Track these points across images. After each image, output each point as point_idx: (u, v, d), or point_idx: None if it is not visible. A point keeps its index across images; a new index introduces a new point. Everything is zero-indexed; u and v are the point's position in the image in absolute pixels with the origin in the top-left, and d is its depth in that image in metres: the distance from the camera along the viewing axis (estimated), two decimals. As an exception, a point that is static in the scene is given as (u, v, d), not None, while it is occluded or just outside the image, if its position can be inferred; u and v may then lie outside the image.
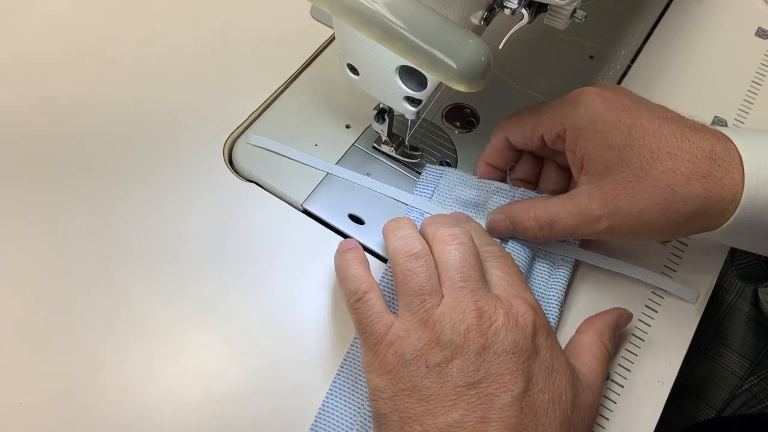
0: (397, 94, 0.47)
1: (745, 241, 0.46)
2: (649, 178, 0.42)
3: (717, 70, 0.64)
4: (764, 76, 0.64)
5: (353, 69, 0.48)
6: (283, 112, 0.58)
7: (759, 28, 0.67)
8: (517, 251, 0.50)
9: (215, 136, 0.56)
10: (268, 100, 0.59)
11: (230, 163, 0.56)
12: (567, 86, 0.62)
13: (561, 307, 0.49)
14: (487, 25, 0.40)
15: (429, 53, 0.36)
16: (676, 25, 0.68)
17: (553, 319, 0.48)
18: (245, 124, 0.57)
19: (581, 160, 0.46)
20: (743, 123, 0.61)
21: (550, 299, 0.49)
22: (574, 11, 0.43)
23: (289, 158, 0.55)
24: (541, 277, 0.50)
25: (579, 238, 0.50)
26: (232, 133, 0.57)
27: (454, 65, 0.36)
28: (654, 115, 0.44)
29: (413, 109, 0.48)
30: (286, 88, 0.60)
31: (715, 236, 0.44)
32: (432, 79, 0.44)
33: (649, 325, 0.50)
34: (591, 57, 0.65)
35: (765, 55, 0.65)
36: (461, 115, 0.60)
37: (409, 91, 0.46)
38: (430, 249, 0.42)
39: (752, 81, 0.64)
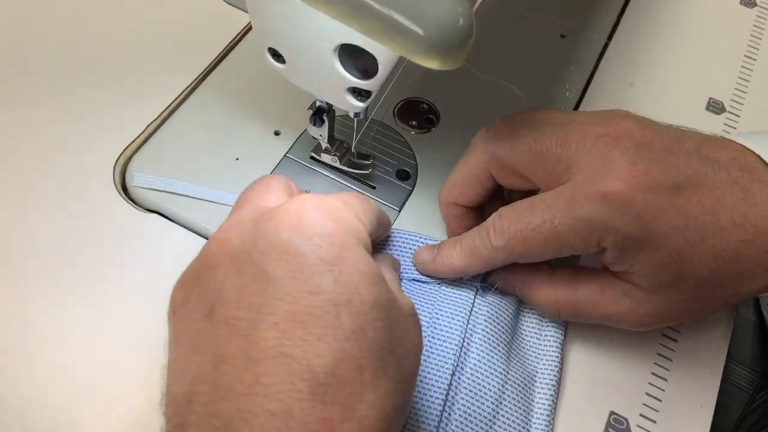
0: (337, 86, 0.35)
1: None
2: (711, 288, 0.34)
3: (705, 45, 0.56)
4: (757, 49, 0.56)
5: (277, 55, 0.36)
6: (191, 120, 0.46)
7: (743, -5, 0.59)
8: (498, 306, 0.39)
9: (102, 156, 0.43)
10: (171, 106, 0.46)
11: (124, 189, 0.43)
12: (538, 72, 0.52)
13: (560, 363, 0.39)
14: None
15: (383, 15, 0.25)
16: (651, -4, 0.59)
17: (554, 371, 0.38)
18: (141, 138, 0.44)
19: (621, 270, 0.35)
20: (741, 105, 0.52)
21: (548, 355, 0.39)
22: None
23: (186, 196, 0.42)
24: (531, 329, 0.40)
25: None
26: (124, 150, 0.44)
27: (420, 31, 0.25)
28: (705, 194, 0.33)
29: (361, 104, 0.36)
30: (194, 89, 0.47)
31: None
32: (385, 60, 0.32)
33: (668, 369, 0.40)
34: (562, 36, 0.55)
35: (754, 25, 0.57)
36: (417, 112, 0.48)
37: (355, 79, 0.34)
38: None
39: (745, 56, 0.55)
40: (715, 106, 0.52)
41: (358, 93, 0.36)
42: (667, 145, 0.35)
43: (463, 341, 0.37)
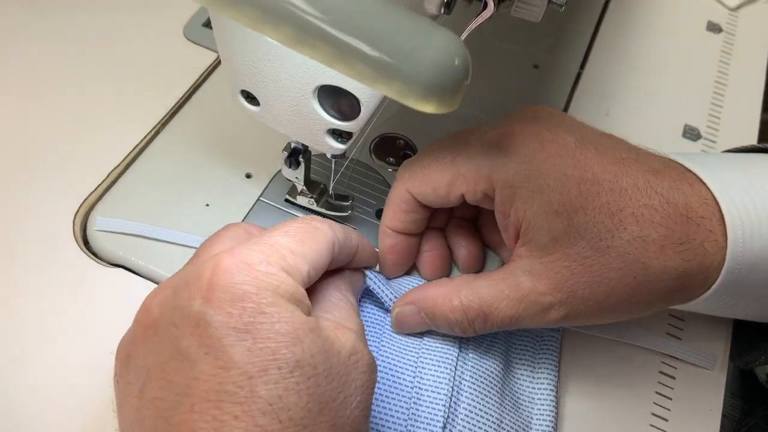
0: (316, 128, 0.33)
1: (724, 307, 0.36)
2: (611, 251, 0.32)
3: (676, 71, 0.56)
4: (726, 74, 0.56)
5: (250, 97, 0.34)
6: (155, 166, 0.43)
7: (709, 21, 0.59)
8: (486, 351, 0.37)
9: (61, 209, 0.40)
10: (133, 152, 0.43)
11: (85, 243, 0.40)
12: (513, 103, 0.51)
13: (556, 395, 0.37)
14: (448, 14, 0.27)
15: (374, 58, 0.23)
16: (619, 22, 0.59)
17: (549, 416, 0.36)
18: (102, 188, 0.41)
19: (517, 226, 0.34)
20: (717, 131, 0.52)
21: (543, 400, 0.37)
22: (552, -5, 0.31)
23: (156, 239, 0.40)
24: (524, 373, 0.38)
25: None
26: (85, 200, 0.41)
27: (415, 73, 0.23)
28: (607, 158, 0.33)
29: (341, 146, 0.34)
30: (157, 133, 0.45)
31: (688, 308, 0.35)
32: (368, 101, 0.30)
33: (669, 409, 0.39)
34: (535, 66, 0.54)
35: (722, 51, 0.57)
36: (394, 149, 0.47)
37: (336, 121, 0.32)
38: None
39: (716, 81, 0.55)
40: (692, 133, 0.51)
41: (339, 135, 0.34)
42: (577, 122, 0.36)
43: (453, 390, 0.35)
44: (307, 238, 0.30)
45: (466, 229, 0.40)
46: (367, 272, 0.38)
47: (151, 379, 0.26)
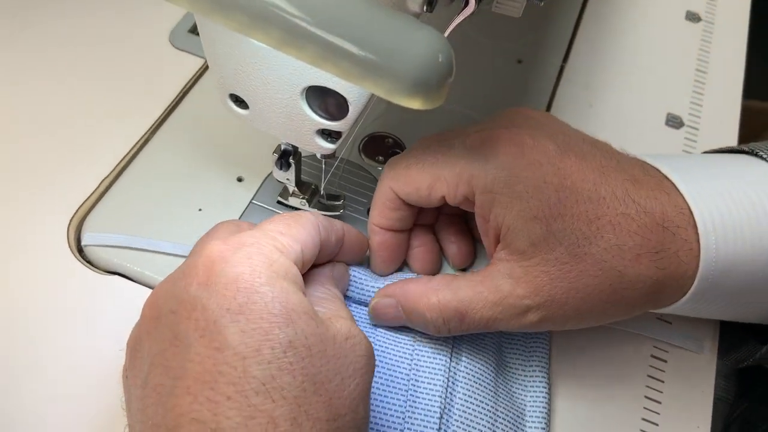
0: (306, 129, 0.34)
1: (701, 310, 0.37)
2: (588, 257, 0.33)
3: (657, 61, 0.56)
4: (706, 62, 0.57)
5: (239, 101, 0.35)
6: (147, 172, 0.43)
7: (687, 11, 0.60)
8: (479, 342, 0.38)
9: (54, 217, 0.40)
10: (125, 160, 0.44)
11: (80, 251, 0.40)
12: (498, 98, 0.52)
13: (548, 381, 0.38)
14: (431, 11, 0.28)
15: (360, 57, 0.23)
16: (599, 15, 0.60)
17: (543, 401, 0.37)
18: (95, 196, 0.42)
19: (496, 230, 0.34)
20: (699, 119, 0.53)
21: (536, 387, 0.38)
22: (532, -9, 0.32)
23: (147, 250, 0.40)
24: (516, 362, 0.39)
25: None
26: (78, 209, 0.41)
27: (401, 71, 0.24)
28: (587, 167, 0.34)
29: (331, 146, 0.35)
30: (148, 140, 0.45)
31: (666, 311, 0.36)
32: (356, 100, 0.31)
33: (661, 392, 0.39)
34: (519, 61, 0.55)
35: (702, 39, 0.58)
36: (383, 147, 0.47)
37: (325, 121, 0.33)
38: None
39: (696, 70, 0.56)
40: (674, 121, 0.52)
41: (328, 134, 0.34)
42: (561, 127, 0.36)
43: (448, 381, 0.36)
44: (293, 222, 0.32)
45: (456, 225, 0.41)
46: (355, 268, 0.38)
47: (154, 366, 0.26)
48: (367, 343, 0.30)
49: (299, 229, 0.31)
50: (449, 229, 0.41)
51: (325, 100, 0.32)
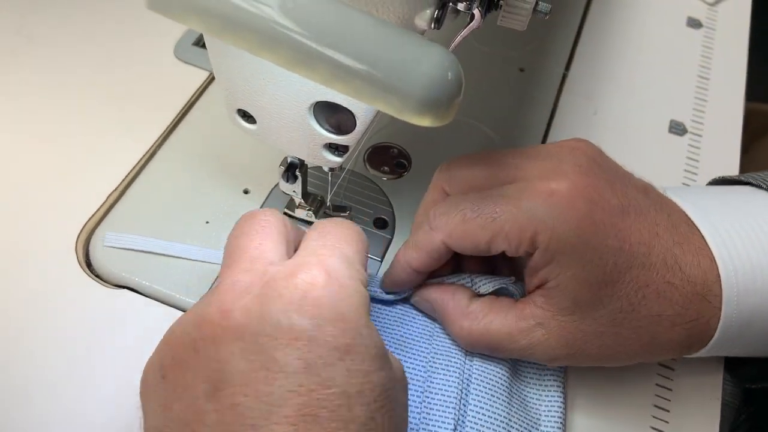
0: (313, 142, 0.34)
1: (723, 353, 0.38)
2: (626, 323, 0.34)
3: (659, 68, 0.57)
4: (708, 69, 0.57)
5: (247, 116, 0.35)
6: (154, 185, 0.44)
7: (688, 17, 0.61)
8: (490, 368, 0.38)
9: (63, 232, 0.41)
10: (131, 174, 0.44)
11: (88, 265, 0.40)
12: (502, 107, 0.52)
13: (563, 404, 0.38)
14: (438, 28, 0.28)
15: (371, 77, 0.24)
16: (601, 23, 0.60)
17: (558, 411, 0.37)
18: (102, 210, 0.42)
19: (543, 279, 0.34)
20: (702, 125, 0.53)
21: (551, 398, 0.38)
22: (537, 4, 0.32)
23: (164, 254, 0.40)
24: (531, 372, 0.39)
25: None
26: (86, 223, 0.41)
27: (411, 89, 0.24)
28: (643, 226, 0.34)
29: (338, 159, 0.35)
30: (153, 153, 0.45)
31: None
32: (363, 115, 0.31)
33: (669, 400, 0.39)
34: (521, 70, 0.55)
35: (703, 46, 0.59)
36: (388, 158, 0.47)
37: (332, 135, 0.33)
38: None
39: (698, 76, 0.56)
40: (678, 128, 0.52)
41: (335, 148, 0.35)
42: (618, 172, 0.36)
43: (462, 391, 0.36)
44: (359, 245, 0.32)
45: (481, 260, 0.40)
46: None
47: (230, 385, 0.25)
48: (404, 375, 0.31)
49: (364, 252, 0.32)
50: (471, 259, 0.40)
51: (332, 115, 0.33)
